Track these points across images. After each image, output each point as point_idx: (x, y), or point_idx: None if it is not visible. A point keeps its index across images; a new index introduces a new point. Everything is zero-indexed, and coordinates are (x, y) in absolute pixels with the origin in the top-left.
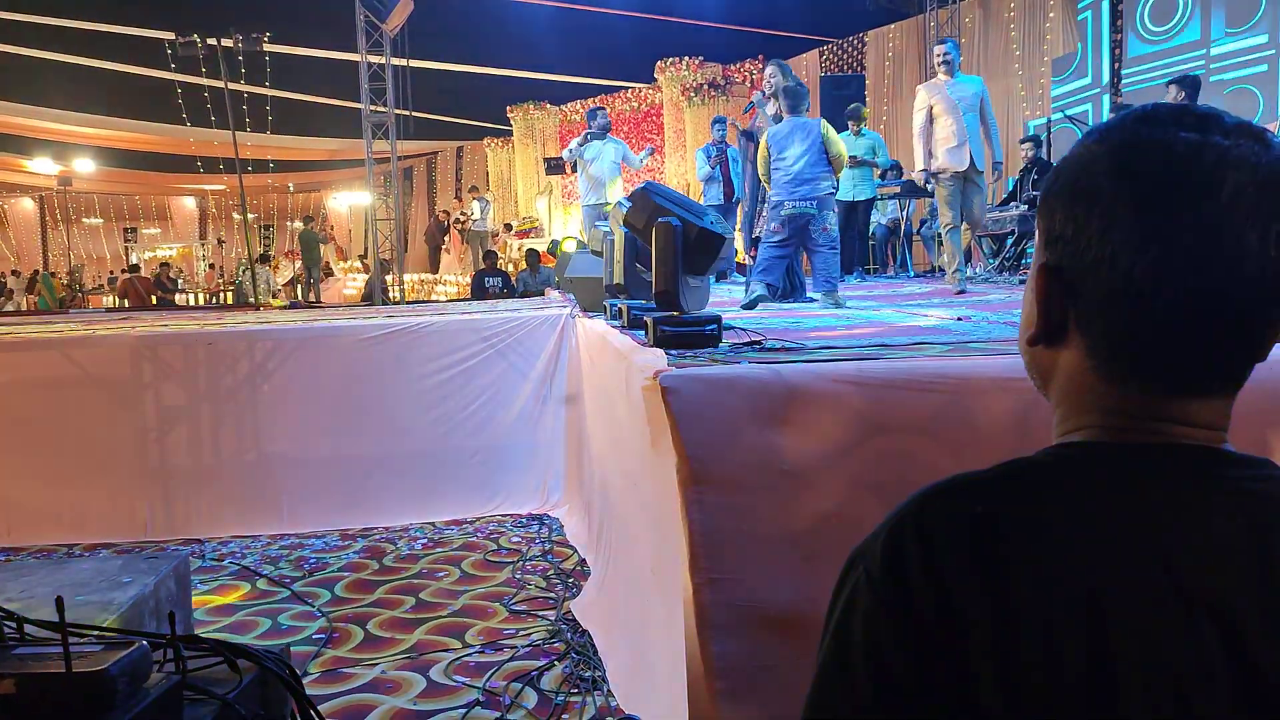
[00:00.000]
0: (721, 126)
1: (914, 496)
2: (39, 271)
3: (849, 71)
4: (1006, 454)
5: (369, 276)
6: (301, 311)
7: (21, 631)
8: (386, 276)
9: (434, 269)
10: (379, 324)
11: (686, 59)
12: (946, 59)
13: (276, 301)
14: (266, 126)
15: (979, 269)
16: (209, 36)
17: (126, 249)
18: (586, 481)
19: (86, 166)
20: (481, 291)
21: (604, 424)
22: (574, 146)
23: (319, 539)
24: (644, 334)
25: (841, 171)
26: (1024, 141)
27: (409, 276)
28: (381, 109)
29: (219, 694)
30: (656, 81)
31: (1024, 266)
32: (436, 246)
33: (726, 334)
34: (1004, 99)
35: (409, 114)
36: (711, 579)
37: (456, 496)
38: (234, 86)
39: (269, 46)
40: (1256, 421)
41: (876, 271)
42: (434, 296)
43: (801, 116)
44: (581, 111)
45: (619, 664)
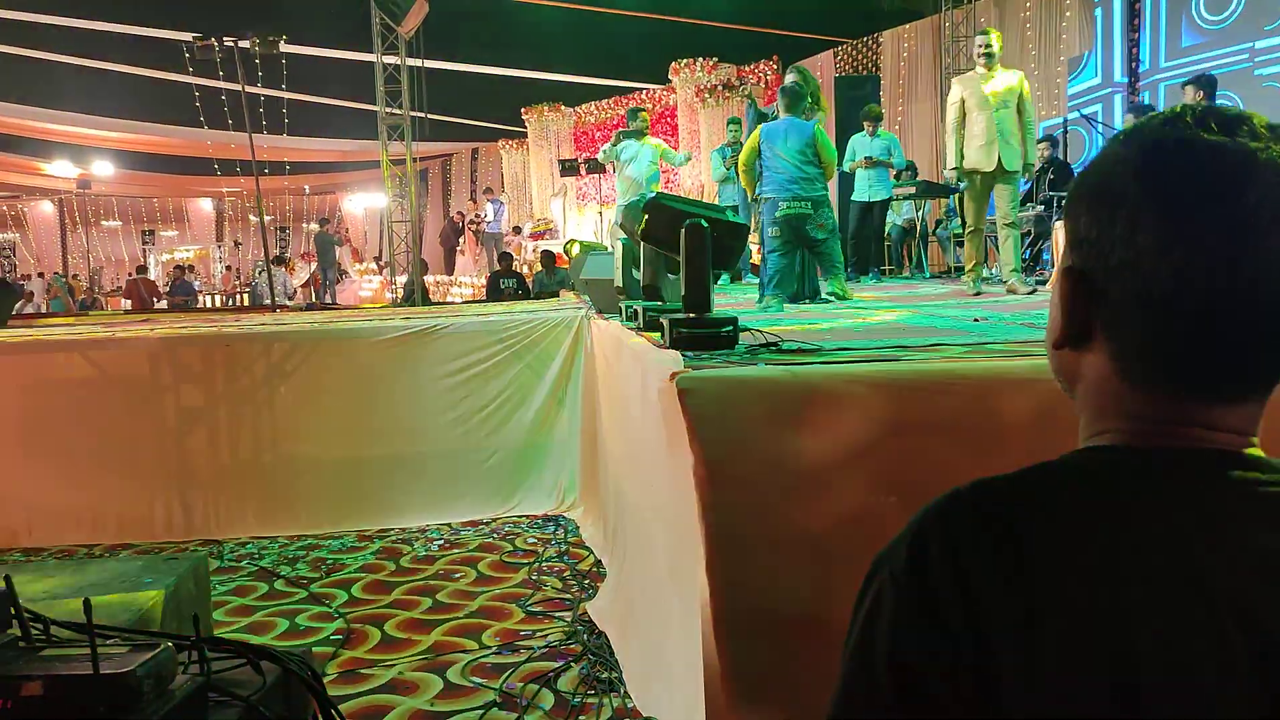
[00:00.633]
0: (736, 127)
1: (938, 500)
2: (56, 274)
3: (864, 72)
4: (1026, 455)
5: (408, 278)
6: (318, 313)
7: (48, 633)
8: (426, 278)
9: (448, 271)
10: (396, 325)
11: (701, 60)
12: (989, 50)
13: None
14: (283, 129)
15: (993, 270)
16: (226, 38)
17: (144, 251)
18: (602, 483)
19: (105, 169)
20: (497, 293)
21: (620, 426)
22: (606, 149)
23: (336, 540)
24: (660, 335)
25: (833, 177)
26: (1040, 141)
27: (425, 278)
28: (397, 111)
29: (243, 696)
30: (671, 83)
31: (1039, 268)
32: (451, 248)
33: (743, 335)
34: None
35: (424, 116)
36: (729, 581)
37: (473, 498)
38: (251, 89)
39: (285, 48)
40: None
41: (892, 272)
42: (449, 298)
43: (798, 116)
44: (595, 113)
45: (635, 666)
